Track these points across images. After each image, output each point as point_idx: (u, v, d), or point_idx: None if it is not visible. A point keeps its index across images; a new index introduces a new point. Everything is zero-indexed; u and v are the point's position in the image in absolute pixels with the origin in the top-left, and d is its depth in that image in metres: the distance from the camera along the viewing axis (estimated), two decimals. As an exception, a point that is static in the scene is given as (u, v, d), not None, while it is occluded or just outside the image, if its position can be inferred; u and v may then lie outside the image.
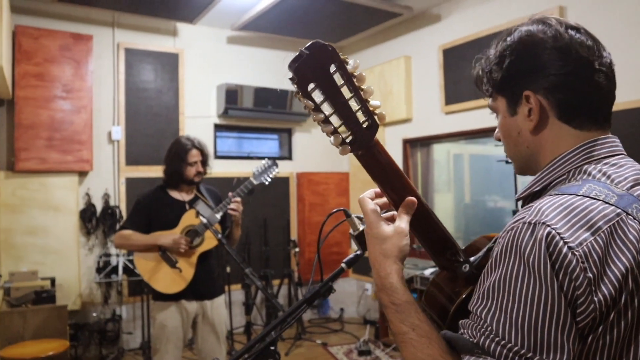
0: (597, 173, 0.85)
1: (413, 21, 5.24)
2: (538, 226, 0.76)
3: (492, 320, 0.76)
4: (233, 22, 5.29)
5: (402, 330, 0.86)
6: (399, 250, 0.91)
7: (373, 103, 0.83)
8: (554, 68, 0.87)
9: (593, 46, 0.89)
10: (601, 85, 0.88)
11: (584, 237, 0.74)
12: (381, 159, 0.89)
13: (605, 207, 0.77)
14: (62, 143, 4.55)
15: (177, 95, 5.20)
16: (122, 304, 4.77)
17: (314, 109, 0.79)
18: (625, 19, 3.50)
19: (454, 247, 0.96)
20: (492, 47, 0.97)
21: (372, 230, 0.93)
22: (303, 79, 0.77)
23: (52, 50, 4.53)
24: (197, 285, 3.00)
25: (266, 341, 1.08)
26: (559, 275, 0.73)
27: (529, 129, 0.91)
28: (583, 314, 0.73)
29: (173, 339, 2.97)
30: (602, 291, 0.72)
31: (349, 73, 0.80)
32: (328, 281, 1.09)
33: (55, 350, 3.36)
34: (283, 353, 4.71)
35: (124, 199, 4.89)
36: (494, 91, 0.96)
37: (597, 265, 0.73)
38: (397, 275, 0.90)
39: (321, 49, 0.78)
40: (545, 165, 0.91)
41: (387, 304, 0.89)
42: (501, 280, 0.77)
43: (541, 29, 0.90)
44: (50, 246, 4.49)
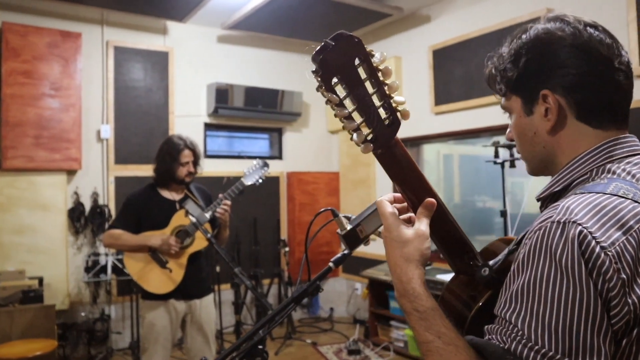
0: (621, 172, 0.82)
1: (403, 22, 5.26)
2: (569, 225, 0.73)
3: (522, 325, 0.73)
4: (223, 21, 5.27)
5: (427, 339, 0.82)
6: (420, 253, 0.88)
7: (397, 99, 0.80)
8: (573, 67, 0.85)
9: (612, 44, 0.87)
10: (621, 84, 0.86)
11: (616, 236, 0.72)
12: (401, 159, 0.86)
13: (635, 206, 0.75)
14: (50, 141, 4.52)
15: (167, 94, 5.18)
16: (111, 304, 4.74)
17: (337, 104, 0.76)
18: (613, 22, 3.53)
19: (471, 250, 0.93)
20: (506, 45, 0.95)
21: (391, 233, 0.90)
22: (327, 72, 0.74)
23: (40, 47, 4.49)
24: (186, 285, 2.99)
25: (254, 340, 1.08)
26: (592, 275, 0.70)
27: (546, 129, 0.89)
28: (617, 317, 0.70)
29: (162, 338, 2.96)
30: (636, 293, 0.70)
31: (374, 67, 0.76)
32: (316, 280, 1.09)
33: (43, 350, 3.34)
34: (273, 352, 4.71)
35: (112, 198, 4.86)
36: (508, 90, 0.93)
37: (631, 265, 0.70)
38: (419, 280, 0.86)
39: (347, 40, 0.74)
40: (564, 165, 0.89)
41: (409, 310, 0.85)
42: (531, 282, 0.74)
43: (559, 27, 0.87)
44: (38, 245, 4.45)
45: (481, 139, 4.66)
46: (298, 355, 4.72)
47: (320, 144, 6.23)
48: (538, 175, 0.97)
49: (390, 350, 4.67)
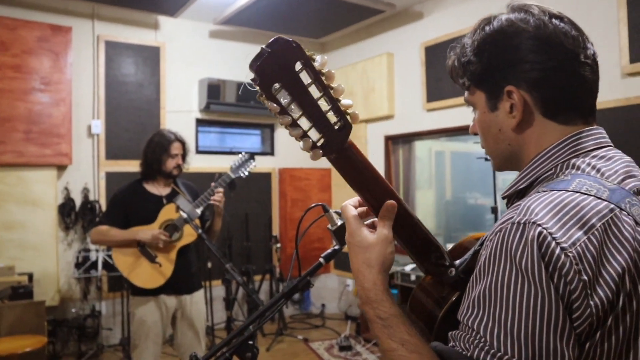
0: (586, 167, 0.79)
1: (395, 18, 5.26)
2: (528, 226, 0.70)
3: (485, 331, 0.71)
4: (215, 16, 5.25)
5: (390, 347, 0.79)
6: (383, 259, 0.85)
7: (344, 102, 0.77)
8: (537, 61, 0.82)
9: (578, 37, 0.84)
10: (587, 78, 0.84)
11: (577, 236, 0.69)
12: (357, 162, 0.83)
13: (598, 203, 0.72)
14: (40, 136, 4.48)
15: (158, 89, 5.15)
16: (102, 300, 4.72)
17: (279, 112, 0.73)
18: (604, 20, 3.56)
19: (438, 250, 0.91)
20: (469, 35, 0.90)
21: (354, 238, 0.87)
22: (266, 79, 0.71)
23: (30, 41, 4.45)
24: (176, 280, 2.99)
25: (244, 335, 1.08)
26: (553, 278, 0.67)
27: (512, 127, 0.86)
28: (579, 319, 0.67)
29: (152, 334, 2.95)
30: (598, 294, 0.67)
31: (317, 71, 0.74)
32: (306, 275, 1.09)
33: (32, 346, 3.32)
34: (264, 348, 4.71)
35: (103, 193, 4.83)
36: (472, 84, 0.90)
37: (592, 266, 0.68)
38: (382, 287, 0.84)
39: (285, 46, 0.72)
40: (529, 161, 0.86)
41: (372, 318, 0.83)
42: (492, 286, 0.71)
43: (523, 18, 0.84)
44: (28, 241, 4.42)
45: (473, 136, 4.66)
46: (289, 352, 4.73)
47: (312, 140, 6.22)
48: (503, 170, 0.95)
49: (381, 346, 4.69)
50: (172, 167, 3.07)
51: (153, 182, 3.11)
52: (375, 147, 5.52)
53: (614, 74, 3.50)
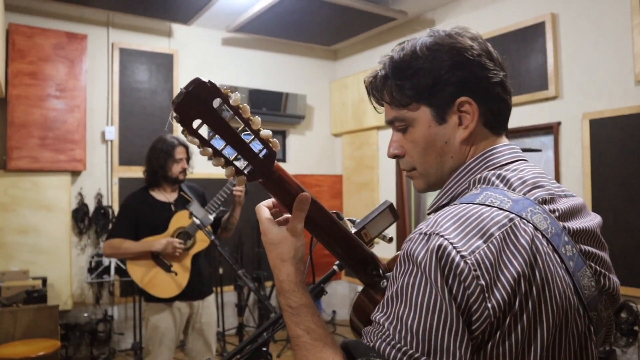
0: (495, 179, 0.86)
1: (407, 26, 5.27)
2: (432, 237, 0.76)
3: (389, 326, 0.77)
4: (228, 24, 5.29)
5: (296, 334, 0.86)
6: (294, 251, 0.90)
7: (264, 133, 0.83)
8: (486, 76, 0.89)
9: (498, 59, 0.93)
10: (510, 95, 0.93)
11: (477, 244, 0.74)
12: (284, 185, 0.88)
13: (498, 214, 0.78)
14: (55, 142, 4.54)
15: (171, 95, 5.19)
16: (114, 305, 4.75)
17: (200, 145, 0.79)
18: (617, 27, 3.54)
19: (373, 262, 0.97)
20: (399, 51, 0.93)
21: (266, 236, 0.92)
22: (186, 117, 0.76)
23: (46, 49, 4.52)
24: (190, 287, 2.99)
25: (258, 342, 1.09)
26: (452, 284, 0.73)
27: (461, 138, 0.90)
28: (478, 321, 0.73)
29: (166, 340, 2.96)
30: (495, 297, 0.73)
31: (234, 106, 0.80)
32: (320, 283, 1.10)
33: (45, 350, 3.35)
34: (275, 355, 4.71)
35: (116, 199, 4.87)
36: (414, 100, 0.91)
37: (490, 271, 0.73)
38: (294, 278, 0.89)
39: (200, 86, 0.77)
40: (451, 178, 0.92)
41: (284, 307, 0.89)
42: (399, 288, 0.78)
43: (469, 37, 0.91)
44: (41, 246, 4.47)
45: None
46: (300, 358, 4.72)
47: (323, 147, 6.24)
48: (430, 190, 0.98)
49: (392, 354, 4.67)
50: (178, 172, 3.07)
51: (159, 188, 3.11)
52: (384, 154, 5.51)
53: (628, 81, 3.48)
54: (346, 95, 5.97)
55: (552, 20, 3.90)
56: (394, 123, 0.95)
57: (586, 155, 3.68)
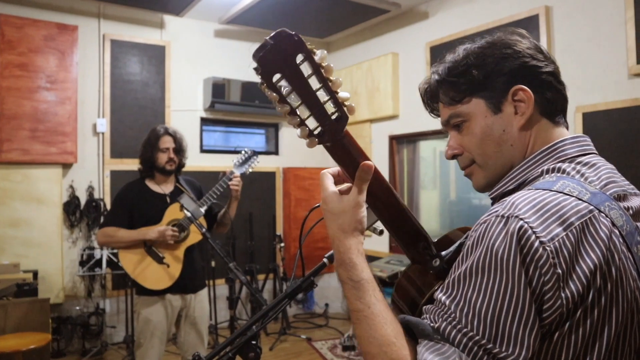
0: (571, 170, 0.85)
1: (401, 18, 5.25)
2: (511, 219, 0.75)
3: (455, 308, 0.76)
4: (220, 16, 5.25)
5: (358, 308, 0.84)
6: (356, 222, 0.88)
7: (342, 95, 0.80)
8: (539, 65, 0.90)
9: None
10: (564, 86, 0.94)
11: (556, 232, 0.73)
12: (351, 151, 0.86)
13: (578, 204, 0.77)
14: (46, 134, 4.50)
15: (163, 88, 5.16)
16: (106, 298, 4.73)
17: (279, 101, 0.77)
18: (611, 20, 3.54)
19: (425, 240, 0.94)
20: (450, 54, 0.96)
21: (327, 205, 0.90)
22: (268, 70, 0.75)
23: (37, 40, 4.47)
24: (182, 280, 2.98)
25: (247, 335, 1.08)
26: (528, 269, 0.72)
27: (518, 125, 0.91)
28: (550, 310, 0.72)
29: (158, 333, 2.95)
30: (569, 288, 0.72)
31: (317, 64, 0.77)
32: (310, 276, 1.09)
33: (36, 343, 3.33)
34: (267, 348, 4.71)
35: (108, 191, 4.84)
36: (468, 94, 0.93)
37: (567, 261, 0.72)
38: (356, 251, 0.88)
39: (287, 38, 0.74)
40: (517, 165, 0.92)
41: (345, 279, 0.87)
42: (468, 271, 0.77)
43: (519, 35, 0.94)
44: (32, 239, 4.44)
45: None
46: (293, 351, 4.73)
47: (316, 140, 6.21)
48: (488, 189, 0.97)
49: (384, 346, 4.68)
50: (164, 161, 3.04)
51: (154, 180, 3.10)
52: (379, 146, 5.52)
53: (621, 75, 3.48)
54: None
55: (545, 13, 3.90)
56: (450, 121, 0.97)
57: (578, 149, 3.69)
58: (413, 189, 5.40)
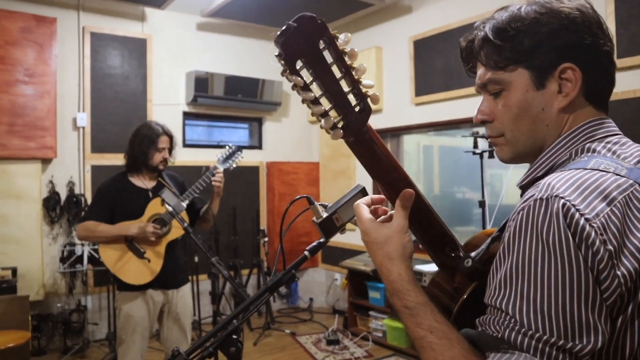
0: (602, 149, 0.81)
1: (384, 12, 5.24)
2: (551, 200, 0.70)
3: (514, 310, 0.70)
4: (203, 9, 5.20)
5: (419, 335, 0.79)
6: (402, 248, 0.85)
7: (366, 83, 0.76)
8: (595, 43, 0.83)
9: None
10: (615, 69, 0.88)
11: (600, 207, 0.69)
12: (375, 147, 0.81)
13: (617, 178, 0.73)
14: (24, 129, 4.41)
15: (144, 81, 5.09)
16: (88, 294, 4.67)
17: (302, 88, 0.72)
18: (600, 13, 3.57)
19: (453, 242, 0.90)
20: (503, 12, 0.87)
21: (369, 236, 0.87)
22: (291, 55, 0.70)
23: (13, 32, 4.37)
24: (164, 275, 2.95)
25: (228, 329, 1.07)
26: (581, 248, 0.67)
27: (560, 106, 0.84)
28: (608, 291, 0.67)
29: (139, 329, 2.92)
30: (624, 264, 0.67)
31: (340, 50, 0.73)
32: (291, 269, 1.08)
33: (15, 341, 3.28)
34: (251, 342, 4.70)
35: (89, 187, 4.78)
36: (513, 61, 0.85)
37: (617, 236, 0.68)
38: (406, 276, 0.84)
39: (310, 22, 0.70)
40: (546, 149, 0.86)
41: (400, 308, 0.83)
42: (519, 264, 0.71)
43: (581, 4, 0.86)
44: (11, 235, 4.36)
45: (461, 130, 4.68)
46: (277, 346, 4.72)
47: (300, 134, 6.20)
48: (516, 162, 0.92)
49: (369, 340, 4.70)
50: (159, 161, 3.03)
51: (138, 175, 3.06)
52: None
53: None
54: (323, 82, 5.92)
55: (527, 7, 3.91)
56: (487, 86, 0.89)
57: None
58: (397, 183, 5.41)
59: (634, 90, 3.35)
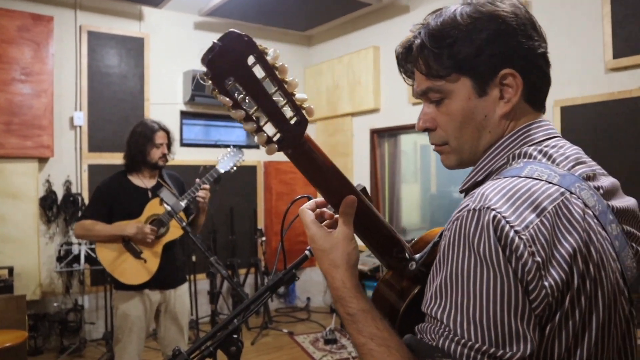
0: (537, 154, 0.81)
1: (382, 11, 5.24)
2: (483, 211, 0.71)
3: (448, 320, 0.72)
4: (200, 8, 5.19)
5: (360, 342, 0.81)
6: (347, 256, 0.86)
7: (299, 96, 0.76)
8: (532, 46, 0.83)
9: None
10: (550, 69, 0.88)
11: (530, 219, 0.70)
12: (315, 157, 0.82)
13: (549, 187, 0.74)
14: (21, 128, 4.40)
15: (142, 80, 5.08)
16: (84, 294, 4.66)
17: (232, 106, 0.72)
18: (588, 15, 3.58)
19: (399, 244, 0.91)
20: (437, 17, 0.86)
21: (316, 243, 0.88)
22: (218, 74, 0.70)
23: (10, 30, 4.36)
24: (161, 275, 2.95)
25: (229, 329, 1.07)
26: (511, 261, 0.68)
27: (502, 112, 0.84)
28: (536, 301, 0.68)
29: (136, 329, 2.91)
30: (552, 275, 0.69)
31: (270, 65, 0.73)
32: (291, 268, 1.08)
33: (12, 341, 3.27)
34: (249, 342, 4.70)
35: (86, 186, 4.77)
36: (454, 70, 0.84)
37: (545, 248, 0.69)
38: (349, 284, 0.85)
39: (237, 39, 0.70)
40: (485, 153, 0.87)
41: (343, 315, 0.85)
42: (452, 275, 0.73)
43: (510, 4, 0.85)
44: (8, 234, 4.34)
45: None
46: (274, 345, 4.72)
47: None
48: (460, 168, 0.92)
49: (366, 339, 4.70)
50: (158, 157, 3.02)
51: (138, 174, 3.05)
52: (360, 140, 5.52)
53: (598, 69, 3.53)
54: (320, 82, 5.93)
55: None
56: (428, 94, 0.88)
57: (557, 142, 3.74)
58: (394, 182, 5.42)
59: (630, 90, 3.37)
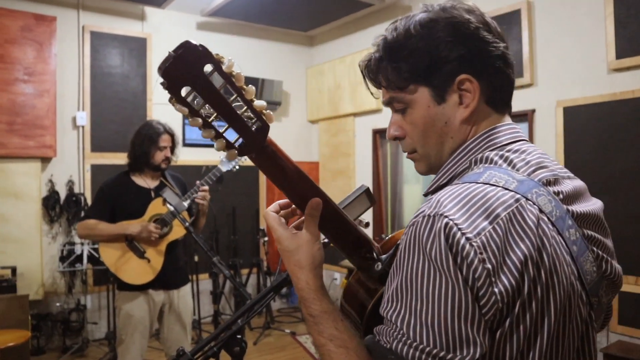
0: (498, 159, 0.82)
1: (384, 12, 5.24)
2: (436, 218, 0.72)
3: (402, 323, 0.73)
4: (203, 8, 5.20)
5: (320, 343, 0.82)
6: (312, 257, 0.87)
7: (258, 103, 0.78)
8: (487, 50, 0.84)
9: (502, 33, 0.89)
10: (512, 68, 0.89)
11: (482, 226, 0.71)
12: (278, 161, 0.84)
13: (504, 194, 0.74)
14: (24, 128, 4.41)
15: (144, 80, 5.09)
16: (87, 294, 4.67)
17: (189, 114, 0.73)
18: (591, 16, 3.57)
19: (367, 244, 0.93)
20: (392, 31, 0.87)
21: (281, 244, 0.89)
22: (174, 83, 0.71)
23: (13, 30, 4.37)
24: (165, 275, 2.95)
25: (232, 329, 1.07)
26: (462, 268, 0.70)
27: (462, 117, 0.86)
28: (486, 307, 0.70)
29: (139, 329, 2.91)
30: (502, 281, 0.70)
31: (226, 73, 0.74)
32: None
33: (15, 341, 3.28)
34: (251, 342, 4.70)
35: (89, 186, 4.77)
36: (412, 81, 0.86)
37: (496, 254, 0.70)
38: (313, 285, 0.86)
39: (191, 50, 0.71)
40: (450, 157, 0.88)
41: (306, 316, 0.86)
42: (407, 279, 0.74)
43: (465, 10, 0.87)
44: (10, 234, 4.35)
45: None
46: (277, 345, 4.73)
47: (300, 134, 6.21)
48: (431, 173, 0.93)
49: (368, 340, 4.70)
50: (161, 160, 3.02)
51: (141, 174, 3.06)
52: (363, 140, 5.52)
53: (601, 70, 3.52)
54: (322, 82, 5.94)
55: (527, 8, 3.92)
56: (392, 104, 0.91)
57: (559, 143, 3.73)
58: (396, 183, 5.42)
59: (632, 91, 3.36)
